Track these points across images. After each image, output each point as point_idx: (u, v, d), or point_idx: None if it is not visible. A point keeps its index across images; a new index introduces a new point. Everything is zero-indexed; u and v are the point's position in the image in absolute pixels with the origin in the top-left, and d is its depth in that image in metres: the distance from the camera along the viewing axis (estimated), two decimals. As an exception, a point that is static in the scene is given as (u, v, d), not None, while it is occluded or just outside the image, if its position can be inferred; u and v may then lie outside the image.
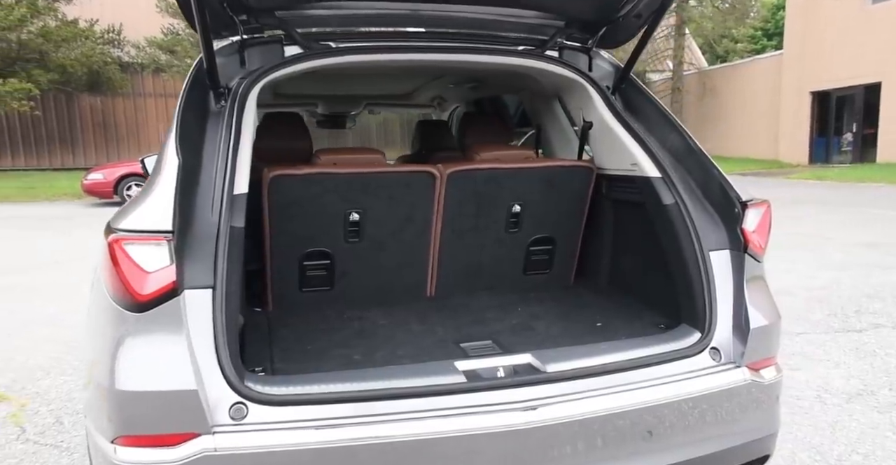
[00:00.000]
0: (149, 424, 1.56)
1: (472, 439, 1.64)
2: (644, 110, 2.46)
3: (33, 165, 22.60)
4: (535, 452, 1.69)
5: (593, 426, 1.74)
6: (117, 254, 1.59)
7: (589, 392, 1.76)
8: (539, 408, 1.69)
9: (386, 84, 4.00)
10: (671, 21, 25.14)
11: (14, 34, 19.73)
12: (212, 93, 2.07)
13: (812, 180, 17.15)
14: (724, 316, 1.98)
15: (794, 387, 3.63)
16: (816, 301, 5.42)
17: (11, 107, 18.95)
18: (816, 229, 9.09)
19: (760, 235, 2.11)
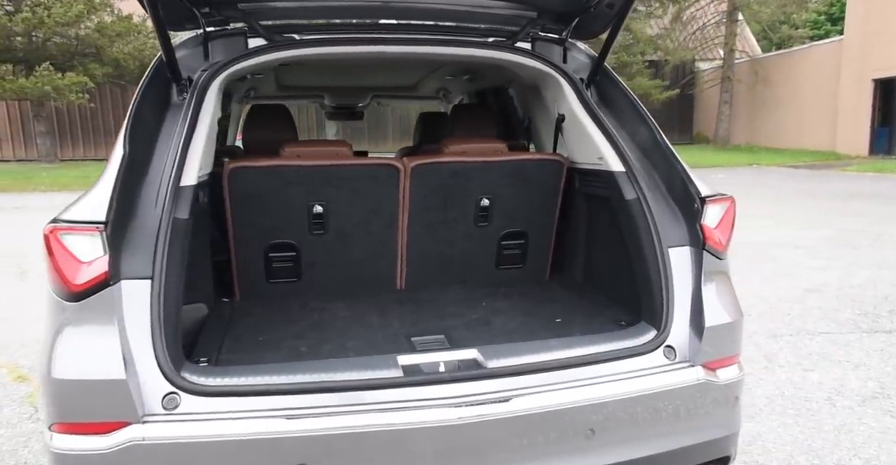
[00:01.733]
0: (81, 412, 1.59)
1: (402, 433, 1.62)
2: (618, 103, 2.39)
3: (91, 156, 23.70)
4: (467, 448, 1.66)
5: (530, 423, 1.71)
6: (52, 244, 1.62)
7: (529, 389, 1.73)
8: (483, 404, 1.67)
9: (389, 76, 3.99)
10: (722, 7, 24.17)
11: (72, 30, 20.63)
12: (174, 85, 2.10)
13: (870, 173, 16.26)
14: (680, 314, 1.93)
15: (803, 388, 3.48)
16: (849, 300, 5.15)
17: (70, 99, 19.87)
18: (867, 225, 8.61)
19: (722, 231, 2.04)
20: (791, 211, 10.14)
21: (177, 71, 2.06)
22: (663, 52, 23.27)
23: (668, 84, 22.85)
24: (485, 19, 2.43)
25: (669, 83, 23.27)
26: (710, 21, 25.11)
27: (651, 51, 22.60)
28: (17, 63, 19.97)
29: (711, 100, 25.93)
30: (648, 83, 21.12)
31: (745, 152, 22.17)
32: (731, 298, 2.04)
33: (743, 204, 8.12)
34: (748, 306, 4.94)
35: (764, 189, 13.28)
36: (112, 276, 1.63)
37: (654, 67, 23.36)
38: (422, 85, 4.21)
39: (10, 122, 23.70)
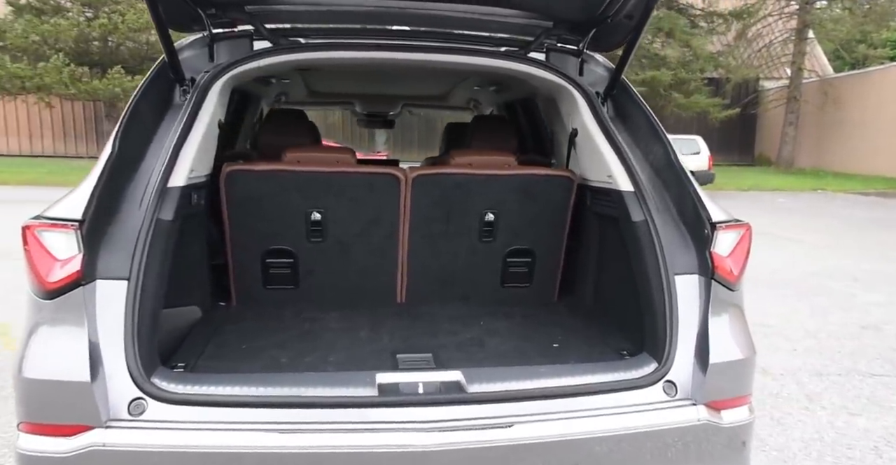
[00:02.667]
0: (47, 412, 1.56)
1: (367, 457, 1.53)
2: (634, 119, 2.26)
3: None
4: None
5: (506, 456, 1.59)
6: (29, 240, 1.61)
7: (510, 418, 1.61)
8: (458, 431, 1.57)
9: (417, 85, 3.95)
10: (791, 24, 23.23)
11: (144, 36, 21.66)
12: (177, 86, 2.08)
13: (949, 203, 15.18)
14: (685, 347, 1.78)
15: (847, 435, 3.18)
16: (911, 340, 4.73)
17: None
18: (935, 259, 7.98)
19: (735, 260, 1.88)
20: (854, 241, 9.51)
21: (179, 71, 2.05)
22: (725, 69, 22.52)
23: (728, 103, 22.09)
24: (498, 28, 2.35)
25: (730, 102, 22.49)
26: (777, 39, 24.15)
27: (711, 68, 21.89)
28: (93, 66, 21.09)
29: (775, 120, 24.90)
30: (707, 101, 20.42)
31: (811, 176, 21.15)
32: (743, 333, 1.88)
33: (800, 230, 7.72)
34: (793, 340, 4.62)
35: (827, 216, 12.56)
36: (86, 275, 1.60)
37: (713, 85, 22.63)
38: (452, 95, 4.15)
39: (84, 121, 25.05)
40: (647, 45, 19.36)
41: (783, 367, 4.07)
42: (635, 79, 18.43)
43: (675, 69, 19.00)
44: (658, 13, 19.15)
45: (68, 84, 16.38)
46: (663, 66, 18.87)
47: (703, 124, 22.33)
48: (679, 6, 20.22)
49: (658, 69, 18.64)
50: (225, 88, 2.15)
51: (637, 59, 19.83)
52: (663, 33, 19.11)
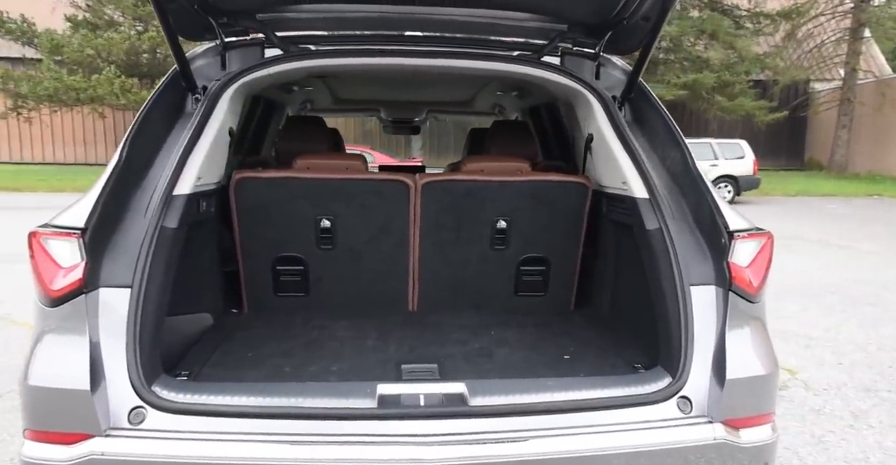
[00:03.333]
0: (49, 420, 1.57)
1: None
2: (652, 124, 2.18)
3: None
4: None
5: None
6: (34, 248, 1.63)
7: (513, 433, 1.56)
8: (459, 445, 1.52)
9: (440, 91, 3.92)
10: (845, 23, 22.32)
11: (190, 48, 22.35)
12: (189, 94, 2.10)
13: None
14: (701, 361, 1.70)
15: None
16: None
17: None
18: None
19: (755, 271, 1.78)
20: (911, 249, 9.01)
21: (191, 80, 2.06)
22: (772, 71, 21.78)
23: (775, 105, 21.36)
24: (512, 32, 2.31)
25: (778, 104, 21.75)
26: (829, 38, 23.25)
27: (757, 70, 21.20)
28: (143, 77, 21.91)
29: (827, 123, 23.93)
30: (752, 104, 19.76)
31: (866, 181, 20.21)
32: (764, 347, 1.77)
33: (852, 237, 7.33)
34: (839, 353, 4.37)
35: (882, 223, 11.96)
36: (88, 283, 1.61)
37: (760, 88, 21.91)
38: (476, 100, 4.11)
39: (134, 130, 25.99)
40: (689, 48, 18.90)
41: (827, 381, 3.86)
42: (676, 82, 18.03)
43: (718, 72, 18.48)
44: (701, 15, 18.70)
45: (119, 95, 17.04)
46: (706, 69, 18.37)
47: (749, 128, 21.65)
48: (723, 7, 19.69)
49: (700, 72, 18.17)
50: (236, 95, 2.16)
51: (678, 62, 19.40)
52: (706, 35, 18.63)
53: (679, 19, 17.66)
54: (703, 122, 22.26)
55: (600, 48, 2.29)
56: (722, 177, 15.16)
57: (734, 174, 15.18)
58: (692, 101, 19.51)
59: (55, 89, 16.33)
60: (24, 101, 17.03)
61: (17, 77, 16.86)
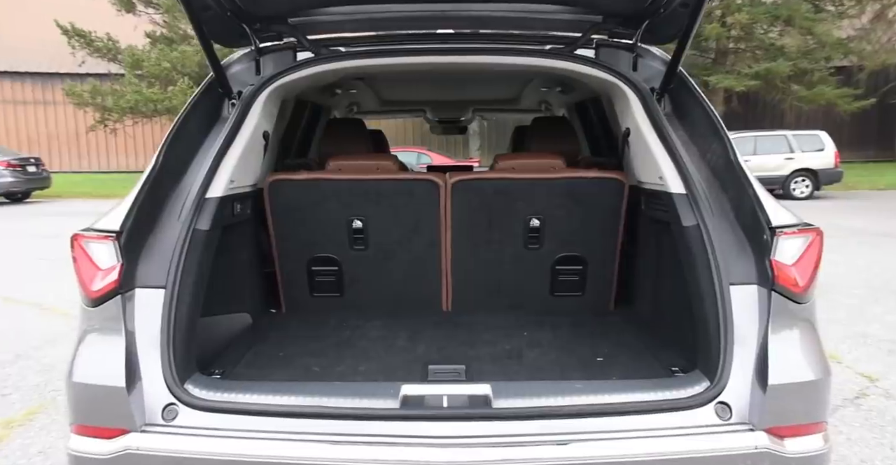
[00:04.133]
0: (91, 415, 1.65)
1: None
2: (692, 115, 2.08)
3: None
4: None
5: None
6: (76, 250, 1.72)
7: (537, 437, 1.51)
8: (480, 447, 1.50)
9: (484, 89, 3.88)
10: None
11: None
12: (226, 99, 2.16)
13: None
14: (742, 365, 1.60)
15: None
16: None
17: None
18: None
19: (802, 270, 1.65)
20: None
21: (227, 85, 2.12)
22: (857, 56, 20.29)
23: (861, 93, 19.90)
24: (545, 26, 2.25)
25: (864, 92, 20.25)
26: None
27: (840, 56, 19.81)
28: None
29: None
30: (834, 92, 18.43)
31: (965, 172, 18.57)
32: (814, 351, 1.65)
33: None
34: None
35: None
36: (123, 284, 1.68)
37: (843, 75, 20.48)
38: (522, 98, 4.04)
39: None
40: (762, 36, 17.92)
41: (911, 390, 3.54)
42: (748, 72, 17.14)
43: (795, 59, 17.42)
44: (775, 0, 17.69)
45: (192, 105, 17.85)
46: (781, 57, 17.35)
47: (831, 118, 20.30)
48: (801, -9, 18.54)
49: (774, 60, 17.18)
50: (271, 99, 2.20)
51: (750, 51, 18.45)
52: (781, 21, 17.59)
53: (751, 6, 16.77)
54: (778, 113, 21.09)
55: (637, 38, 2.20)
56: (799, 171, 14.32)
57: (812, 168, 14.30)
58: (766, 91, 18.50)
59: (136, 102, 17.34)
60: (109, 113, 18.18)
61: (103, 91, 18.06)
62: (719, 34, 17.11)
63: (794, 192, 14.39)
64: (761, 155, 14.37)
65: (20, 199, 15.34)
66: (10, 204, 14.92)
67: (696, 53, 18.67)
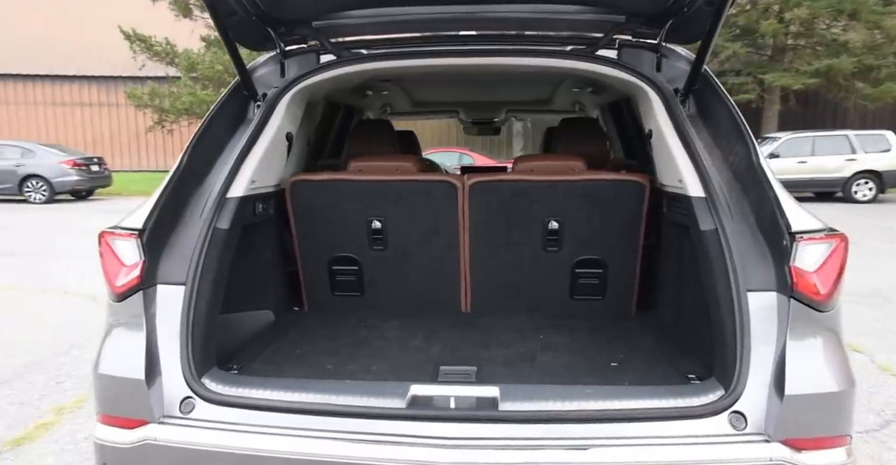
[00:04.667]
0: (114, 406, 1.72)
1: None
2: (717, 117, 2.02)
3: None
4: None
5: None
6: (102, 247, 1.79)
7: (542, 441, 1.50)
8: (483, 449, 1.50)
9: (517, 90, 3.85)
10: None
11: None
12: (252, 102, 2.22)
13: None
14: (759, 374, 1.55)
15: None
16: None
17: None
18: None
19: (824, 277, 1.58)
20: None
21: (252, 88, 2.17)
22: (930, 51, 19.16)
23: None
24: (567, 26, 2.22)
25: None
26: None
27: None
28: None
29: None
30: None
31: None
32: (837, 361, 1.59)
33: None
34: None
35: None
36: (145, 280, 1.74)
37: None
38: (555, 99, 3.99)
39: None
40: (823, 32, 17.11)
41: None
42: (807, 69, 16.41)
43: (859, 55, 16.56)
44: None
45: (245, 107, 18.42)
46: (844, 53, 16.53)
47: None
48: (867, -16, 17.61)
49: (837, 56, 16.38)
50: (294, 101, 2.24)
51: (810, 47, 17.66)
52: (845, 16, 16.75)
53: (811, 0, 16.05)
54: (840, 112, 20.11)
55: (661, 38, 2.15)
56: (861, 172, 13.62)
57: (877, 169, 13.57)
58: (827, 89, 17.67)
59: (191, 103, 17.99)
60: (166, 115, 18.94)
61: (161, 94, 18.83)
62: (776, 30, 16.45)
63: (855, 195, 13.71)
64: (820, 156, 13.75)
65: (84, 196, 16.13)
66: (74, 201, 15.71)
67: (752, 51, 18.00)
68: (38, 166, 14.79)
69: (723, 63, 18.84)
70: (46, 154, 15.19)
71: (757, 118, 18.76)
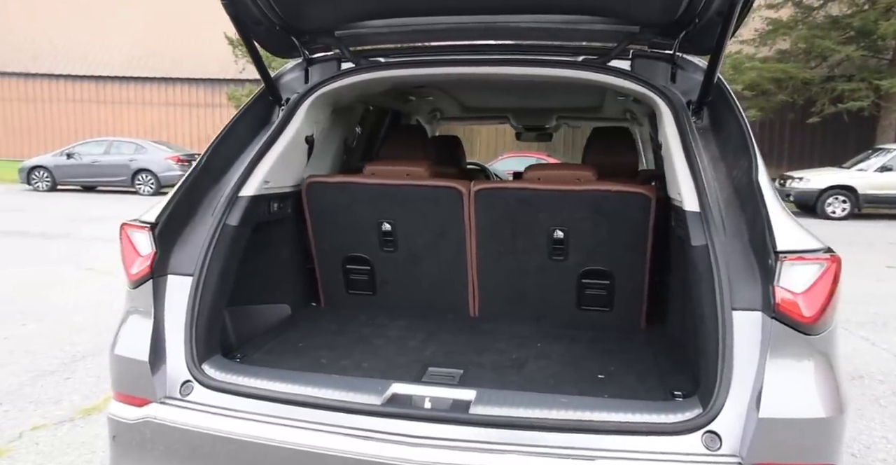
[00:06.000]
0: (125, 385, 1.87)
1: (355, 462, 1.56)
2: (727, 129, 1.96)
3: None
4: None
5: None
6: (122, 237, 1.96)
7: (506, 445, 1.52)
8: (438, 448, 1.54)
9: (565, 98, 3.80)
10: None
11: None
12: (277, 106, 2.34)
13: None
14: (738, 395, 1.50)
15: None
16: None
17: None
18: None
19: (810, 299, 1.50)
20: None
21: (277, 93, 2.30)
22: None
23: None
24: (582, 37, 2.21)
25: None
26: None
27: None
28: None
29: None
30: None
31: None
32: (824, 387, 1.51)
33: None
34: None
35: None
36: (155, 270, 1.89)
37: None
38: (605, 106, 3.91)
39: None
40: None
41: None
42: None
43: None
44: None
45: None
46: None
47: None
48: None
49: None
50: (315, 106, 2.35)
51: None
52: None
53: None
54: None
55: (675, 49, 2.12)
56: None
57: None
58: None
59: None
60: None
61: (237, 96, 20.18)
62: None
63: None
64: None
65: (186, 190, 17.45)
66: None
67: (868, 54, 16.56)
68: (147, 161, 16.14)
69: (832, 68, 17.48)
70: (155, 150, 16.54)
71: (871, 127, 17.24)
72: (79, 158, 16.48)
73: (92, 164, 16.24)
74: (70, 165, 16.45)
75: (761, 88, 17.24)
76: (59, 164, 16.50)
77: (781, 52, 17.86)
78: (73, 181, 16.52)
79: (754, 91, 17.22)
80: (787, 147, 20.53)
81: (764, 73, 16.65)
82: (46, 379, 3.74)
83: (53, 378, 3.74)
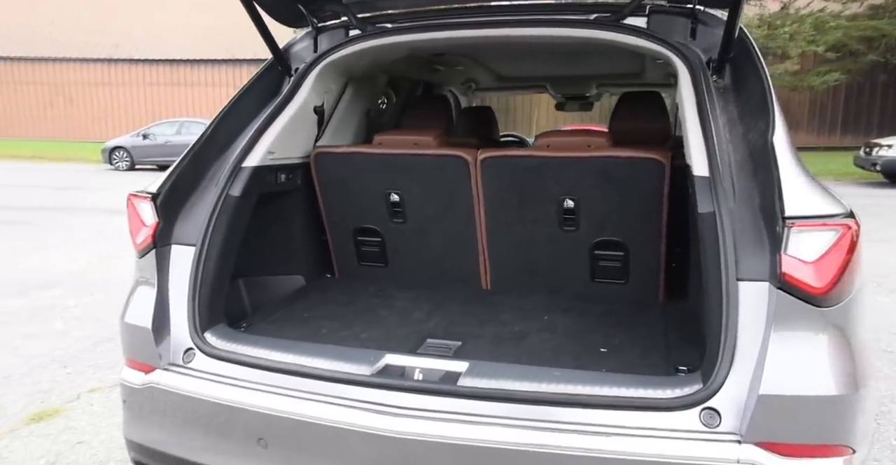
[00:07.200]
0: (134, 352, 1.92)
1: (342, 431, 1.56)
2: (748, 88, 1.80)
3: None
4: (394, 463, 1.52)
5: (475, 455, 1.46)
6: (129, 208, 2.00)
7: (494, 418, 1.48)
8: (426, 420, 1.52)
9: (603, 64, 3.59)
10: None
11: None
12: (286, 77, 2.32)
13: None
14: (742, 370, 1.40)
15: None
16: None
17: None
18: None
19: (822, 269, 1.37)
20: None
21: (285, 63, 2.27)
22: None
23: None
24: None
25: None
26: None
27: None
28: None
29: None
30: None
31: None
32: (836, 363, 1.38)
33: None
34: None
35: None
36: (158, 240, 1.92)
37: None
38: (646, 71, 3.67)
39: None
40: None
41: None
42: None
43: None
44: None
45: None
46: None
47: None
48: None
49: None
50: (323, 75, 2.30)
51: None
52: None
53: None
54: None
55: (696, 2, 1.95)
56: None
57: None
58: None
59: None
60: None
61: None
62: None
63: None
64: None
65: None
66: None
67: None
68: (213, 141, 16.80)
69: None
70: (220, 130, 17.17)
71: None
72: (153, 138, 17.35)
73: (165, 144, 17.04)
74: (146, 145, 17.35)
75: (848, 48, 15.87)
76: (136, 144, 17.45)
77: (874, 7, 16.35)
78: (149, 161, 17.41)
79: (839, 52, 15.88)
80: (877, 113, 18.91)
81: (852, 31, 15.32)
82: (105, 345, 3.97)
83: (111, 345, 3.97)
